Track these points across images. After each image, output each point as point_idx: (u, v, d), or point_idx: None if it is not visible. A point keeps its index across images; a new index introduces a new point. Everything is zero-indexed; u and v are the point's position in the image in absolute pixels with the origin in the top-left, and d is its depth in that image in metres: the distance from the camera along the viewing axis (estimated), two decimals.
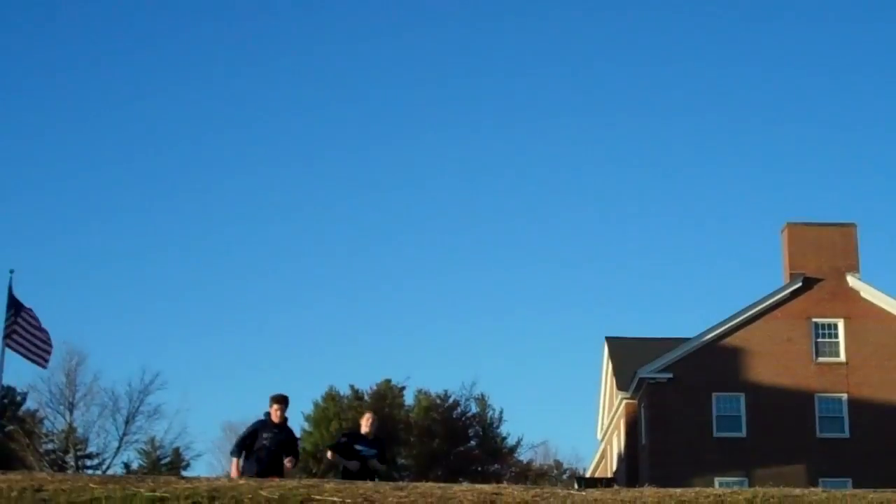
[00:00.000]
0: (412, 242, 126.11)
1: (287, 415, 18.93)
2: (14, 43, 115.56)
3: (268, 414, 18.79)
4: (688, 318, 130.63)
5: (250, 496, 11.43)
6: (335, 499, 11.37)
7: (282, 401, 18.87)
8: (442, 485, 12.14)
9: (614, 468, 62.50)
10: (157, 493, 11.38)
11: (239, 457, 18.45)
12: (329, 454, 19.61)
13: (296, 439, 19.25)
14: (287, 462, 18.43)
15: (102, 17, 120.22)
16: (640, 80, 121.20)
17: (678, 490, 12.32)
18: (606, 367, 65.41)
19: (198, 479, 12.46)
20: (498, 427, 71.52)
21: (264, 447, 18.35)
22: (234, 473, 18.02)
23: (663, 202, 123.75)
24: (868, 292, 53.57)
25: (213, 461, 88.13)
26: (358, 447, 19.20)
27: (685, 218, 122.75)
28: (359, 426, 19.90)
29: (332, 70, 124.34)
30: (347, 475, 18.48)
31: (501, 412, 71.77)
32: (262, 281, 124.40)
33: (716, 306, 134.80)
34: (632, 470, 55.60)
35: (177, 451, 74.66)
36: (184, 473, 61.58)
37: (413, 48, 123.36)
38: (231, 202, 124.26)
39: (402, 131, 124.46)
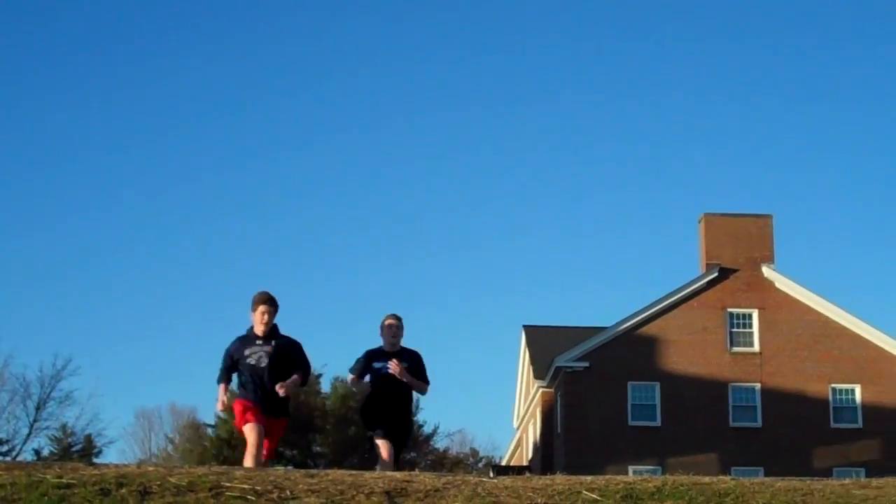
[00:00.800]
0: (327, 232, 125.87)
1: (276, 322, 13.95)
2: None
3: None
4: (605, 308, 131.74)
5: (159, 483, 11.20)
6: (245, 486, 11.19)
7: (268, 301, 13.77)
8: (353, 472, 12.01)
9: (530, 456, 62.73)
10: (64, 480, 11.13)
11: (225, 382, 13.84)
12: (350, 379, 14.95)
13: (298, 348, 14.03)
14: (279, 388, 13.57)
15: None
16: (557, 68, 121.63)
17: (589, 478, 12.28)
18: (523, 355, 65.61)
19: (106, 465, 12.18)
20: (414, 415, 71.56)
21: (249, 368, 13.67)
22: (219, 405, 13.80)
23: (581, 191, 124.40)
24: (783, 283, 54.19)
25: (126, 448, 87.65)
26: (376, 365, 14.47)
27: (603, 207, 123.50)
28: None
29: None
30: (373, 405, 14.48)
31: (418, 400, 71.68)
32: (175, 266, 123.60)
33: (633, 296, 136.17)
34: (547, 458, 55.87)
35: (89, 438, 73.87)
36: (95, 460, 60.90)
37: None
38: (145, 189, 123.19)
39: (338, 122, 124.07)
